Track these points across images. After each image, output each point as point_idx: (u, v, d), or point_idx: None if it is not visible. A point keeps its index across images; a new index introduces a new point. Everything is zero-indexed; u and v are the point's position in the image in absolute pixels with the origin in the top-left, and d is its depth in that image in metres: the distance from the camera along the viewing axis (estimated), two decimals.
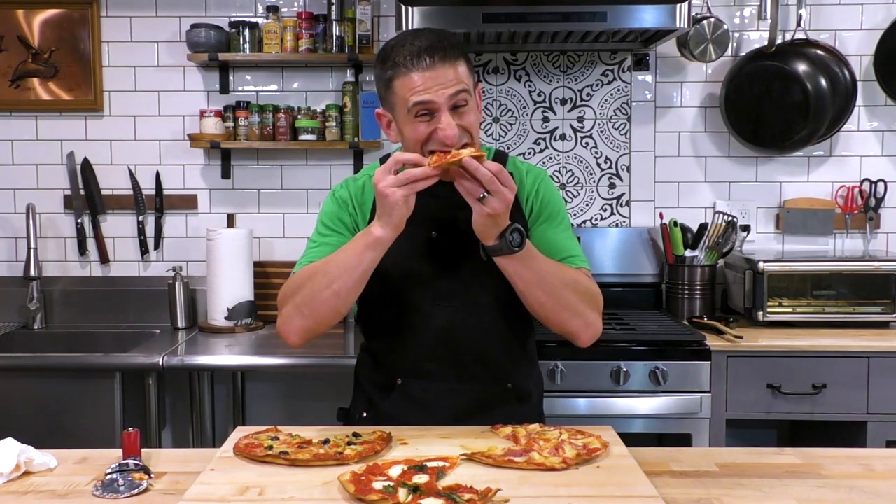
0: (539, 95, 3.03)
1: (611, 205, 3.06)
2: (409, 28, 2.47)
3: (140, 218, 3.03)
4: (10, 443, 1.35)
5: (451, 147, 1.44)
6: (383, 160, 1.67)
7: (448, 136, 1.45)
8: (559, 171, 3.04)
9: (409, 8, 2.46)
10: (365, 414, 1.69)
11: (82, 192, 3.02)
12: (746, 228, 2.95)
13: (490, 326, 1.62)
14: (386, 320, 1.65)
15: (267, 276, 3.00)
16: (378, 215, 1.43)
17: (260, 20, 2.96)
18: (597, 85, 3.02)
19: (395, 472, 1.24)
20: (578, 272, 1.59)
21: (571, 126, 3.04)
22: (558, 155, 3.04)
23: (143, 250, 3.04)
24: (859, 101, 2.94)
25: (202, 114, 2.92)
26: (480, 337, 1.62)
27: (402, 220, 1.42)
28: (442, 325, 1.60)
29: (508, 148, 3.03)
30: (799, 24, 2.91)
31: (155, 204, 3.04)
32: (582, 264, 1.62)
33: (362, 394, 1.73)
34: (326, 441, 1.38)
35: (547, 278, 1.50)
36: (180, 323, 2.92)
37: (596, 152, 3.04)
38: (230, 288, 2.84)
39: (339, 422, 1.76)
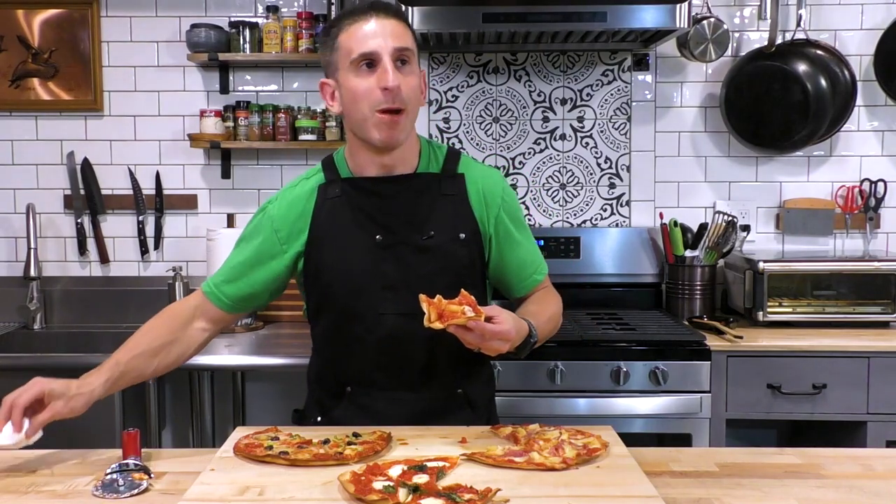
0: (539, 95, 3.03)
1: (611, 205, 3.05)
2: None
3: (140, 218, 3.03)
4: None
5: (393, 97, 1.44)
6: (325, 162, 1.61)
7: (389, 83, 1.43)
8: (559, 171, 3.04)
9: (409, 8, 2.46)
10: (319, 419, 1.66)
11: (82, 192, 3.02)
12: (746, 228, 2.95)
13: (436, 334, 1.44)
14: (330, 329, 1.61)
15: None
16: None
17: (260, 20, 2.96)
18: (597, 85, 3.02)
19: (395, 472, 1.24)
20: (553, 303, 1.65)
21: (571, 126, 3.03)
22: (558, 155, 3.04)
23: (143, 250, 3.04)
24: (859, 101, 2.94)
25: (202, 114, 2.92)
26: (426, 346, 1.55)
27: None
28: (385, 334, 1.55)
29: (508, 148, 3.03)
30: (799, 24, 2.91)
31: (155, 204, 3.04)
32: (544, 271, 1.68)
33: (314, 397, 1.70)
34: (326, 441, 1.38)
35: (540, 339, 1.55)
36: None
37: (596, 152, 3.04)
38: None
39: (293, 424, 1.71)
